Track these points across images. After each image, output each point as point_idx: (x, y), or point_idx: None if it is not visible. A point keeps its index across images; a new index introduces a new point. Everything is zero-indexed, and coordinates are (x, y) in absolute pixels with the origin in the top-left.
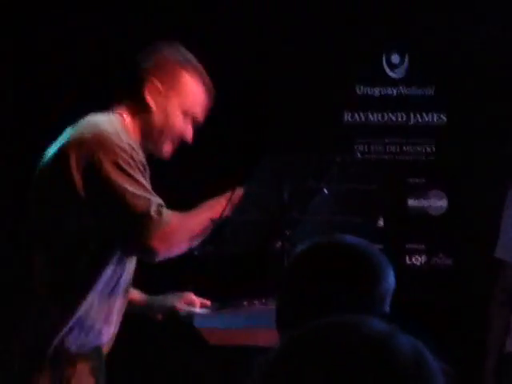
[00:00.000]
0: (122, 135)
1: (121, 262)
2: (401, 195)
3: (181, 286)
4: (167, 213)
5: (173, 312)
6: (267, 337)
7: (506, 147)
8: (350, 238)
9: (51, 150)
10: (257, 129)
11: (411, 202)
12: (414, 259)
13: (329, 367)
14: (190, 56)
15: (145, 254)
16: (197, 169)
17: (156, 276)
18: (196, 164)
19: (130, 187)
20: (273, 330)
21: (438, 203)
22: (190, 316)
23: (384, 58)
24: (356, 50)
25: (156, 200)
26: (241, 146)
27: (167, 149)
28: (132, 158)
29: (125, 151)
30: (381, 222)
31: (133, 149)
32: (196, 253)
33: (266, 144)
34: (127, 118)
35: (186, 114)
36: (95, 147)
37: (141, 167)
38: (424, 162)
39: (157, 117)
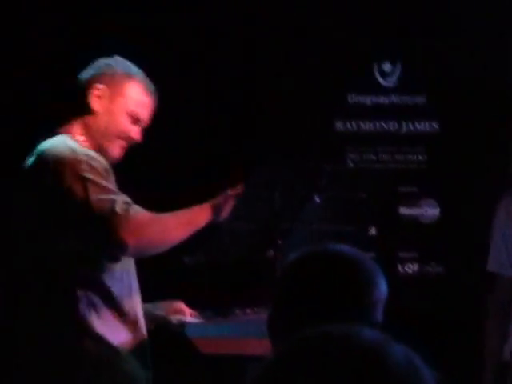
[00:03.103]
0: (75, 149)
1: (123, 265)
2: (392, 204)
3: (172, 295)
4: (135, 208)
5: (164, 321)
6: (260, 346)
7: (498, 155)
8: (342, 247)
9: (18, 185)
10: (248, 137)
11: (403, 211)
12: (406, 267)
13: (321, 377)
14: (133, 66)
15: (116, 248)
16: (189, 178)
17: (147, 284)
18: (188, 173)
19: (93, 194)
20: (265, 339)
21: (429, 211)
22: (182, 325)
23: (376, 67)
24: (347, 59)
25: (121, 198)
26: (232, 155)
27: (115, 150)
28: (90, 165)
29: (81, 162)
30: (373, 231)
31: (89, 157)
32: (187, 261)
33: (257, 153)
34: (77, 131)
35: (131, 115)
36: (55, 168)
37: (102, 172)
38: (416, 171)
39: (102, 119)
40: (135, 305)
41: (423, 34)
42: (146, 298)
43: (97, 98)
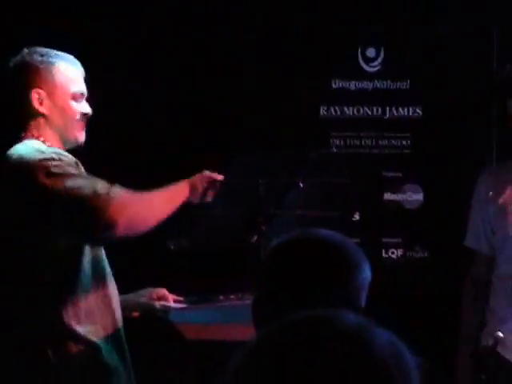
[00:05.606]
0: (43, 150)
1: (90, 251)
2: (377, 189)
3: (156, 280)
4: (116, 188)
5: (148, 307)
6: (244, 331)
7: (480, 140)
8: (326, 232)
9: None
10: (232, 124)
11: (387, 196)
12: (390, 253)
13: (303, 362)
14: (45, 49)
15: (105, 228)
16: (173, 165)
17: (131, 270)
18: (172, 161)
19: (71, 183)
20: (250, 325)
21: (413, 197)
22: (167, 311)
23: (359, 52)
24: (331, 44)
25: (100, 181)
26: (217, 142)
27: (79, 134)
28: (60, 160)
29: (51, 159)
30: (357, 216)
31: (58, 153)
32: (171, 247)
33: (241, 139)
34: (38, 134)
35: (73, 96)
36: (26, 171)
37: (73, 165)
38: (400, 156)
39: (54, 117)
40: (110, 297)
41: (406, 19)
42: (129, 284)
43: (38, 102)
